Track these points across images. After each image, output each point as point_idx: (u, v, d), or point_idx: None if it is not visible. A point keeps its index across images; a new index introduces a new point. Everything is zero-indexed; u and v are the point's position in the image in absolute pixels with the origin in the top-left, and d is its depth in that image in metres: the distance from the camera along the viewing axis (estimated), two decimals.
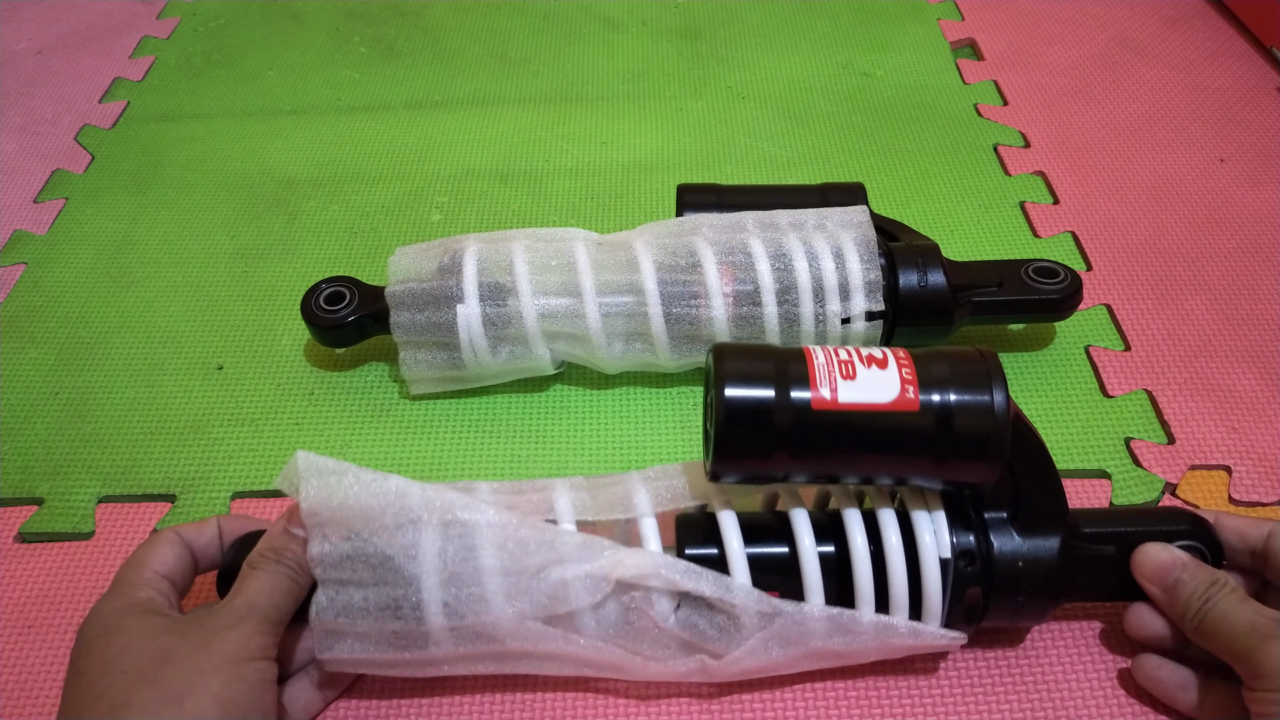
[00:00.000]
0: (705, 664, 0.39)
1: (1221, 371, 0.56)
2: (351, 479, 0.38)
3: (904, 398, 0.36)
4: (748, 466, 0.38)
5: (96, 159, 0.75)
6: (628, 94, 0.80)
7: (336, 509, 0.37)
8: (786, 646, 0.39)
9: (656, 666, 0.40)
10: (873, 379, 0.37)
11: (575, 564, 0.38)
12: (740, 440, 0.37)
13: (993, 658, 0.43)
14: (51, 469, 0.53)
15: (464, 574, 0.37)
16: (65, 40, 0.89)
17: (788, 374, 0.37)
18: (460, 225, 0.68)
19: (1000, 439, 0.36)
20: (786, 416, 0.36)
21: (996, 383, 0.37)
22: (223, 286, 0.64)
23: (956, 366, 0.37)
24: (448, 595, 0.37)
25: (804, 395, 0.36)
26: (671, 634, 0.39)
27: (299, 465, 0.38)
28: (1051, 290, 0.54)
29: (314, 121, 0.78)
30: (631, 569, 0.38)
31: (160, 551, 0.39)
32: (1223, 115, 0.75)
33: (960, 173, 0.71)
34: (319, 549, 0.37)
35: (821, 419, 0.36)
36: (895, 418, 0.36)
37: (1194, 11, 0.87)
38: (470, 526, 0.38)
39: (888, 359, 0.38)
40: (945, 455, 0.37)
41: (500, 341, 0.52)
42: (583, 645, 0.39)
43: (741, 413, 0.36)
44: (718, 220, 0.54)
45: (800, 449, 0.37)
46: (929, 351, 0.38)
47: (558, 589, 0.38)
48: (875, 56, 0.83)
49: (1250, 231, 0.65)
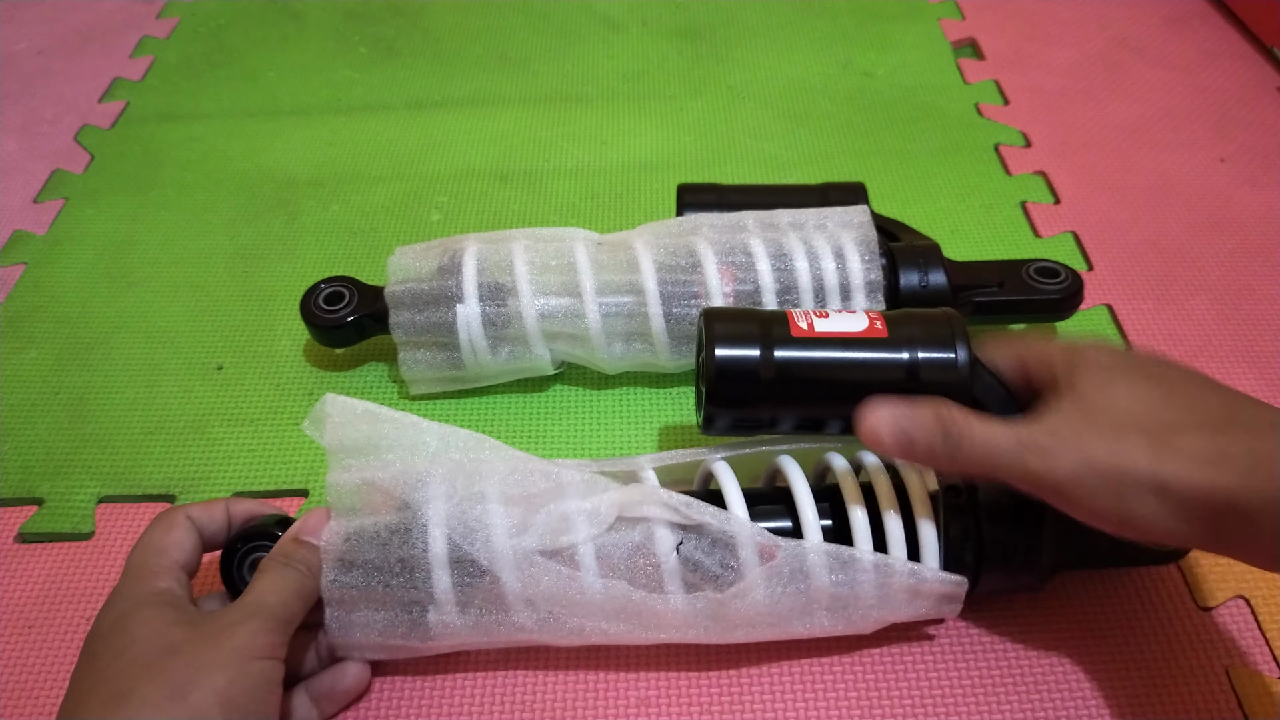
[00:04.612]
0: (710, 600, 0.39)
1: (1221, 371, 0.56)
2: (375, 416, 0.41)
3: (873, 328, 0.41)
4: (739, 402, 0.41)
5: (96, 159, 0.75)
6: (628, 94, 0.80)
7: (358, 442, 0.40)
8: (789, 584, 0.39)
9: (661, 604, 0.39)
10: (843, 319, 0.42)
11: (577, 499, 0.40)
12: (731, 369, 0.41)
13: (996, 652, 0.43)
14: (51, 469, 0.53)
15: (468, 503, 0.39)
16: (65, 40, 0.89)
17: (770, 318, 0.42)
18: (460, 225, 0.68)
19: (963, 342, 0.41)
20: (770, 343, 0.41)
21: (956, 321, 0.41)
22: (223, 286, 0.63)
23: (921, 314, 0.42)
24: (452, 523, 0.38)
25: (784, 327, 0.42)
26: (674, 571, 0.39)
27: (325, 407, 0.40)
28: (1053, 290, 0.54)
29: (314, 121, 0.78)
30: (634, 498, 0.40)
31: (178, 539, 0.39)
32: (1223, 115, 0.75)
33: (961, 173, 0.71)
34: (336, 476, 0.39)
35: (801, 343, 0.41)
36: (867, 341, 0.41)
37: (1194, 11, 0.87)
38: (480, 463, 0.40)
39: (856, 310, 0.43)
40: (917, 379, 0.40)
41: (500, 341, 0.52)
42: (584, 582, 0.39)
43: (729, 339, 0.41)
44: (718, 220, 0.54)
45: (786, 380, 0.41)
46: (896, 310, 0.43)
47: (558, 522, 0.39)
48: (876, 56, 0.83)
49: (1250, 231, 0.65)
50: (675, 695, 0.42)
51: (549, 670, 0.43)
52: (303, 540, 0.39)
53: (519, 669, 0.43)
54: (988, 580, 0.41)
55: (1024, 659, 0.43)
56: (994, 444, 0.36)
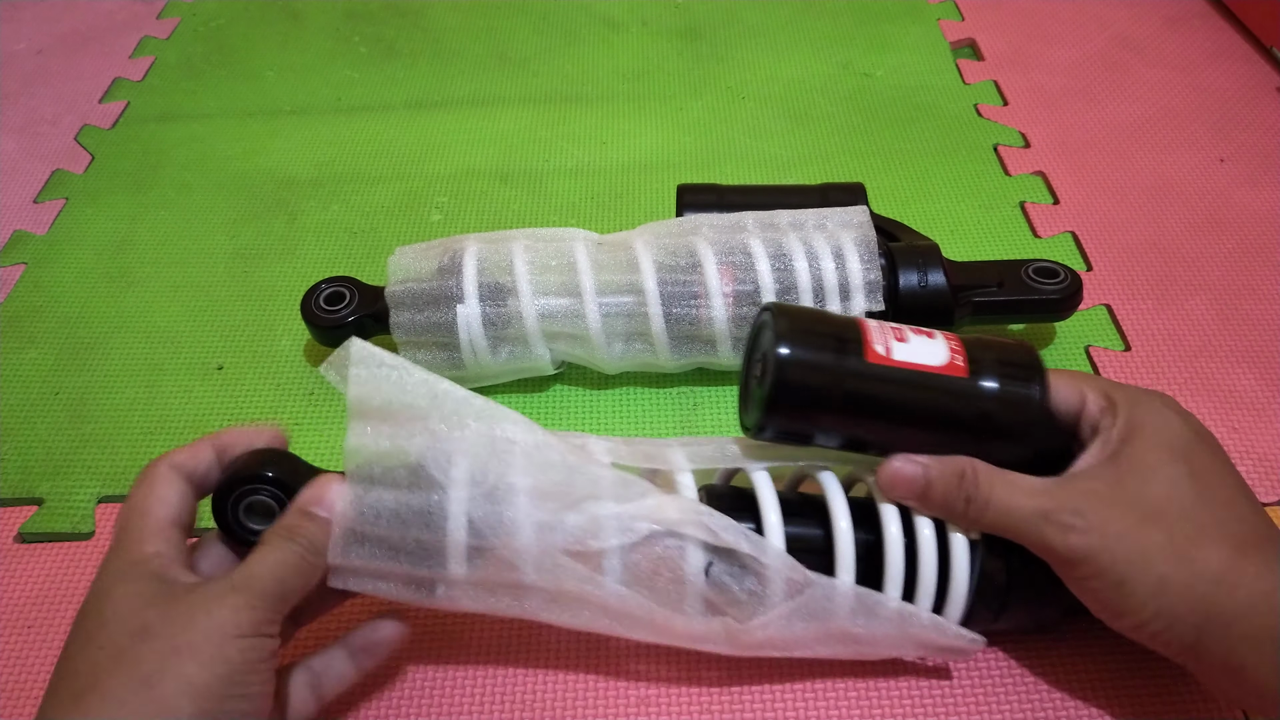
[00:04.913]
0: (728, 627, 0.38)
1: (1221, 371, 0.56)
2: (403, 374, 0.36)
3: (953, 364, 0.38)
4: (799, 417, 0.39)
5: (96, 159, 0.75)
6: (628, 94, 0.80)
7: (383, 403, 0.36)
8: (809, 621, 0.38)
9: (679, 622, 0.38)
10: (923, 345, 0.39)
11: (613, 501, 0.37)
12: (796, 385, 0.38)
13: (1001, 667, 0.43)
14: (51, 469, 0.53)
15: (498, 493, 0.36)
16: (65, 40, 0.89)
17: (844, 331, 0.39)
18: (460, 225, 0.68)
19: (1044, 410, 0.38)
20: (843, 367, 0.38)
21: (1037, 365, 0.39)
22: (223, 286, 0.64)
23: (1000, 346, 0.40)
24: (476, 511, 0.36)
25: (860, 351, 0.38)
26: (699, 591, 0.38)
27: (351, 351, 0.36)
28: (1052, 290, 0.54)
29: (314, 121, 0.78)
30: (673, 514, 0.37)
31: (161, 494, 0.36)
32: (1223, 115, 0.75)
33: (960, 173, 0.71)
34: (357, 440, 0.36)
35: (877, 371, 0.38)
36: (946, 380, 0.38)
37: (1194, 11, 0.87)
38: (513, 444, 0.37)
39: (934, 334, 0.40)
40: (989, 424, 0.38)
41: (500, 341, 0.52)
42: (605, 588, 0.37)
43: (800, 354, 0.38)
44: (718, 220, 0.54)
45: (852, 403, 0.38)
46: (972, 336, 0.40)
47: (590, 524, 0.37)
48: (875, 56, 0.83)
49: (1250, 231, 0.65)
50: (675, 695, 0.42)
51: (549, 670, 0.43)
52: (310, 513, 0.36)
53: (518, 667, 0.43)
54: (1009, 620, 0.40)
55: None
56: (1015, 512, 0.37)
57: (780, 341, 0.38)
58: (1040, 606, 0.41)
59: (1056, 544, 0.36)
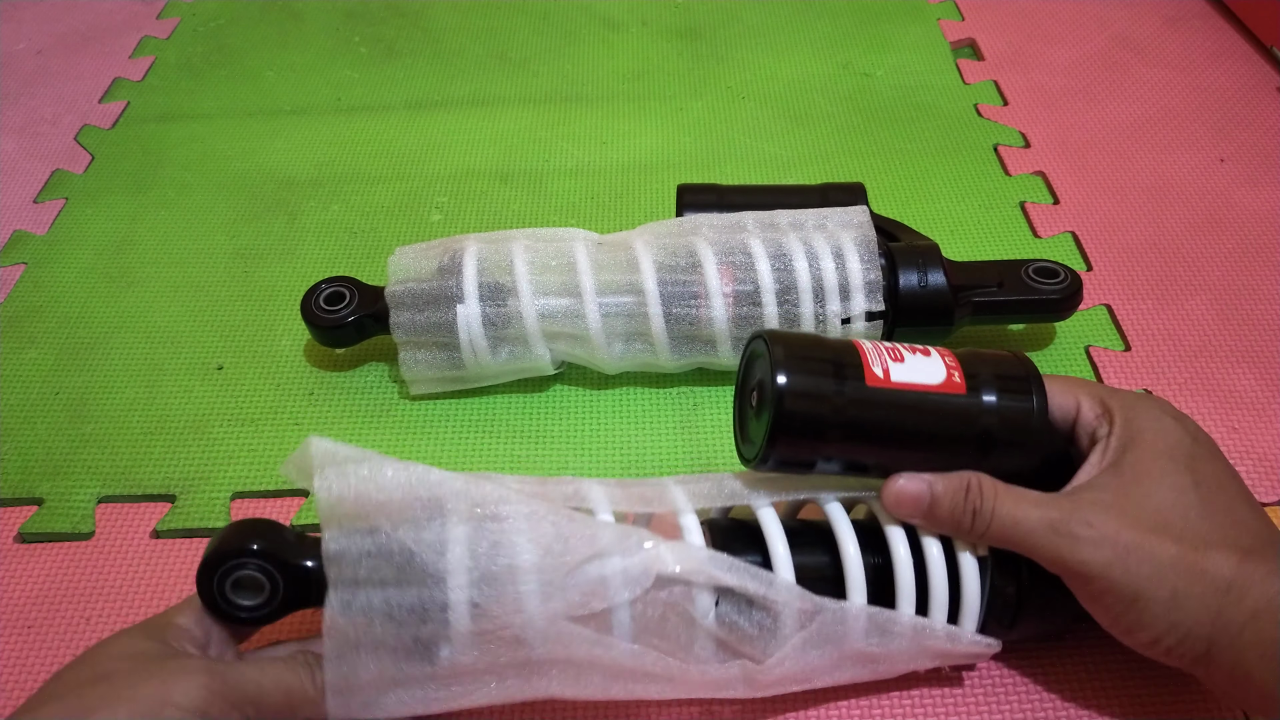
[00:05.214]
0: (746, 669, 0.37)
1: (1221, 371, 0.56)
2: (374, 470, 0.34)
3: (951, 380, 0.38)
4: (801, 446, 0.38)
5: (96, 159, 0.75)
6: (628, 94, 0.80)
7: (356, 500, 0.34)
8: (824, 646, 0.37)
9: (694, 672, 0.37)
10: (920, 364, 0.38)
11: (615, 557, 0.36)
12: (797, 415, 0.37)
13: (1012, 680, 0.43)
14: (51, 469, 0.53)
15: (498, 572, 0.35)
16: (65, 40, 0.89)
17: (841, 355, 0.38)
18: (460, 225, 0.68)
19: (1043, 420, 0.38)
20: (843, 394, 0.37)
21: (1034, 376, 0.39)
22: (223, 286, 0.64)
23: (995, 360, 0.40)
24: (478, 595, 0.34)
25: (859, 376, 0.37)
26: (709, 632, 0.37)
27: (312, 453, 0.34)
28: (1052, 290, 0.54)
29: (314, 121, 0.78)
30: (674, 564, 0.36)
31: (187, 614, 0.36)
32: (1223, 115, 0.75)
33: (960, 173, 0.71)
34: (336, 545, 0.34)
35: (877, 395, 0.37)
36: (945, 399, 0.38)
37: (1194, 11, 0.87)
38: (504, 521, 0.35)
39: (929, 350, 0.39)
40: (991, 438, 0.38)
41: (500, 341, 0.52)
42: (617, 648, 0.36)
43: (800, 386, 0.37)
44: (718, 220, 0.54)
45: (854, 429, 0.37)
46: (965, 350, 0.40)
47: (595, 585, 0.36)
48: (875, 56, 0.83)
49: (1250, 231, 0.65)
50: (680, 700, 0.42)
51: None
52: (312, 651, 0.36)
53: None
54: (1020, 631, 0.40)
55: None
56: (1024, 525, 0.36)
57: (779, 369, 0.37)
58: (1051, 617, 0.40)
59: (1068, 556, 0.35)
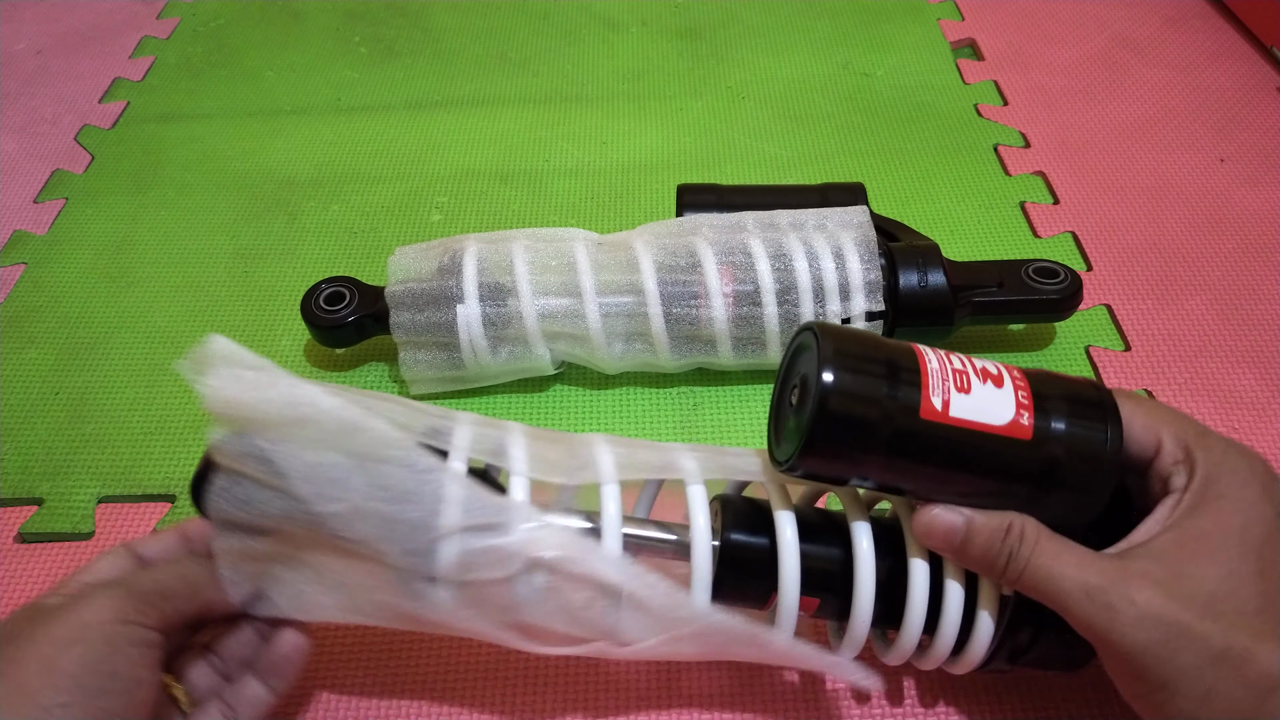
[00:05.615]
0: (605, 650, 0.36)
1: (1221, 371, 0.56)
2: (269, 380, 0.34)
3: (1017, 423, 0.33)
4: (833, 466, 0.35)
5: (96, 159, 0.75)
6: (628, 94, 0.80)
7: (246, 409, 0.34)
8: (696, 643, 0.36)
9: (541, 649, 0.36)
10: (988, 396, 0.34)
11: (482, 534, 0.34)
12: (835, 438, 0.33)
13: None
14: (51, 469, 0.53)
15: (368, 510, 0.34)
16: (65, 40, 0.89)
17: (899, 360, 0.34)
18: (460, 225, 0.68)
19: (1109, 483, 0.34)
20: (892, 421, 0.33)
21: (1113, 421, 0.34)
22: (223, 286, 0.64)
23: (1074, 397, 0.35)
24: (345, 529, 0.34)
25: (914, 401, 0.33)
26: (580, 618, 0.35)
27: (212, 350, 0.34)
28: (1052, 290, 0.54)
29: (314, 121, 0.78)
30: (552, 549, 0.34)
31: (94, 564, 0.37)
32: (1223, 115, 0.75)
33: (960, 173, 0.71)
34: (223, 440, 0.34)
35: (927, 430, 0.33)
36: (1006, 443, 0.33)
37: (1194, 11, 0.87)
38: (382, 461, 0.34)
39: (1003, 376, 0.35)
40: (1047, 492, 0.34)
41: (500, 342, 0.52)
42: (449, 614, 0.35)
43: (843, 408, 0.33)
44: (718, 220, 0.54)
45: (897, 458, 0.34)
46: (1042, 374, 0.36)
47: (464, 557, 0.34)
48: (875, 56, 0.83)
49: (1250, 231, 0.65)
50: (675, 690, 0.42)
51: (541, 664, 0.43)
52: None
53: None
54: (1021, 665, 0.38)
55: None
56: (1059, 580, 0.33)
57: (826, 365, 0.33)
58: (1062, 665, 0.38)
59: (1102, 627, 0.32)
